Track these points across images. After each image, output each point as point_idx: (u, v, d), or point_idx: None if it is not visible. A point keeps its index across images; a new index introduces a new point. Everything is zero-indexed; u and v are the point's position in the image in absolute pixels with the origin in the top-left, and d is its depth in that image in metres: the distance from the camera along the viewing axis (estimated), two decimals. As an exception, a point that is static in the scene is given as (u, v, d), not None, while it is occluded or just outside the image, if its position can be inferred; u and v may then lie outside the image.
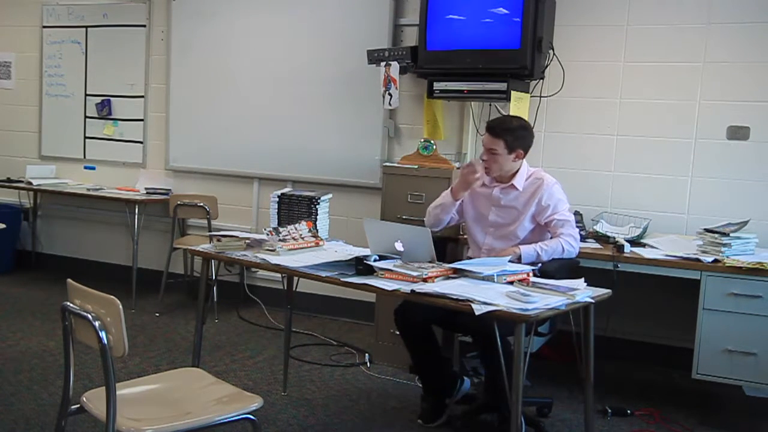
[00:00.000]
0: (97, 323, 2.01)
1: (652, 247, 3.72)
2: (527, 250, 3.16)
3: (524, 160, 3.34)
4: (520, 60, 3.94)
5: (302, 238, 3.24)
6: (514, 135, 3.26)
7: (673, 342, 4.08)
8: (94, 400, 2.19)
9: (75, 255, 6.10)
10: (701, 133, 4.07)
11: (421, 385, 3.50)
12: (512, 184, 3.32)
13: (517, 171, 3.32)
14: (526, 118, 4.17)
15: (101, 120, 5.87)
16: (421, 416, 3.37)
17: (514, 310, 2.37)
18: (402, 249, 2.90)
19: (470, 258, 3.35)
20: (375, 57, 4.40)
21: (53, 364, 3.87)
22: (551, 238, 3.25)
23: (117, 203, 5.42)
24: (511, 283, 2.71)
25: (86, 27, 5.87)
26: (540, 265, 3.14)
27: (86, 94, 5.92)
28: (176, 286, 5.46)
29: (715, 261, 3.42)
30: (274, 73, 5.17)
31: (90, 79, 5.89)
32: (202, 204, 5.15)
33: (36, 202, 6.21)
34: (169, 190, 5.53)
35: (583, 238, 3.81)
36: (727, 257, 3.43)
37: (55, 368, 3.79)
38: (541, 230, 3.30)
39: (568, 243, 3.20)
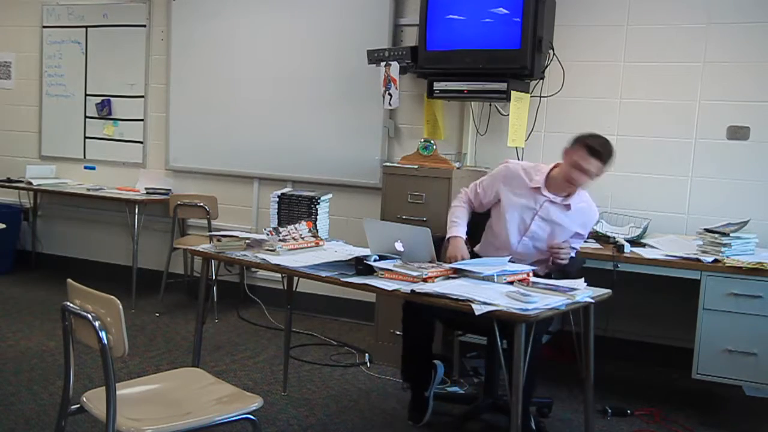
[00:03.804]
0: (97, 323, 2.01)
1: (652, 247, 3.72)
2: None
3: None
4: (520, 60, 3.94)
5: (302, 238, 3.24)
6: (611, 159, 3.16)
7: (673, 342, 4.08)
8: (94, 400, 2.19)
9: (75, 255, 6.10)
10: (701, 133, 4.07)
11: (401, 380, 3.47)
12: (568, 204, 3.21)
13: None
14: (526, 118, 4.20)
15: (101, 120, 5.87)
16: (410, 417, 3.36)
17: (514, 310, 2.37)
18: (402, 249, 2.90)
19: (477, 252, 3.35)
20: (375, 57, 4.40)
21: (53, 364, 3.87)
22: None
23: (117, 203, 5.42)
24: (511, 283, 2.72)
25: (86, 27, 5.87)
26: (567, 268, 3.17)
27: (86, 94, 5.92)
28: (176, 286, 5.46)
29: (715, 261, 3.42)
30: (274, 73, 5.17)
31: (90, 79, 5.90)
32: (202, 204, 5.15)
33: (36, 202, 6.21)
34: (169, 190, 5.53)
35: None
36: (727, 257, 3.43)
37: (55, 368, 3.79)
38: None
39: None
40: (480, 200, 3.41)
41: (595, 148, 3.05)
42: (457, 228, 3.31)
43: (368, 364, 4.18)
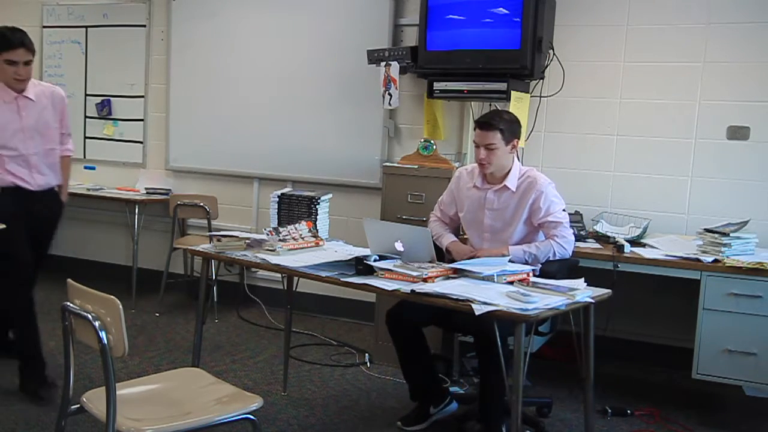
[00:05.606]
0: (97, 323, 2.01)
1: (652, 247, 3.72)
2: (515, 252, 3.14)
3: (516, 159, 3.31)
4: (520, 60, 3.94)
5: (302, 238, 3.24)
6: (508, 125, 3.25)
7: (673, 342, 4.08)
8: (94, 400, 2.19)
9: (75, 255, 6.09)
10: (701, 133, 4.07)
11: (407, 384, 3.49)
12: (505, 185, 3.26)
13: (509, 171, 3.27)
14: (526, 118, 4.20)
15: (101, 120, 5.87)
16: (401, 419, 3.33)
17: (514, 310, 2.37)
18: (402, 249, 2.90)
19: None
20: (375, 57, 4.40)
21: (53, 364, 3.86)
22: (545, 238, 3.24)
23: (117, 203, 5.42)
24: (511, 283, 2.72)
25: (86, 27, 5.87)
26: (540, 266, 3.14)
27: (86, 94, 5.92)
28: (176, 286, 5.46)
29: (715, 261, 3.42)
30: (274, 73, 5.17)
31: (90, 79, 5.89)
32: (202, 204, 5.15)
33: (36, 202, 6.21)
34: (169, 190, 5.53)
35: (583, 238, 3.81)
36: (727, 257, 3.43)
37: (55, 368, 3.78)
38: (537, 231, 3.29)
39: (559, 245, 3.16)
40: (447, 214, 3.51)
41: (478, 120, 3.27)
42: (446, 236, 3.44)
43: (368, 364, 4.18)
